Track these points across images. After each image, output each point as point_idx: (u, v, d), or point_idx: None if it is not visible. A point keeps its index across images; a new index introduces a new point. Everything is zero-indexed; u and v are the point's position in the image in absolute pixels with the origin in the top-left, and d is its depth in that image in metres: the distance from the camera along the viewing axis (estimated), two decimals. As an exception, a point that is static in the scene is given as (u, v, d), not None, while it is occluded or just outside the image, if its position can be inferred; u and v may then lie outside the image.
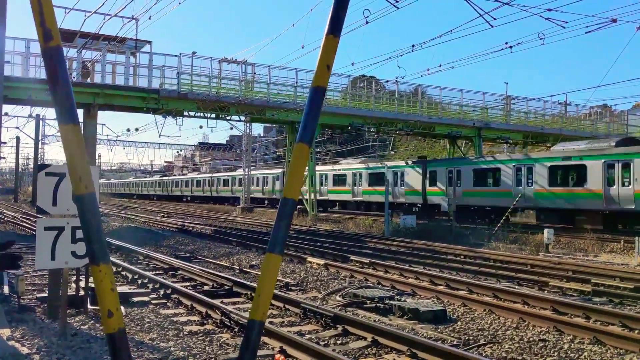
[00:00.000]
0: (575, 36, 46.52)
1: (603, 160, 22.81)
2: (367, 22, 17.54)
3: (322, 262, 14.36)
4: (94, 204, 2.07)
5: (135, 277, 11.52)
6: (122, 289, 10.01)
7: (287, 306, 9.01)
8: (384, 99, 37.38)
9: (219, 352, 6.64)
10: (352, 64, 30.89)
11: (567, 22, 16.39)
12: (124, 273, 12.13)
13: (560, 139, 41.16)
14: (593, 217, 23.70)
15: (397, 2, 15.84)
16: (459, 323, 8.42)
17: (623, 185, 22.08)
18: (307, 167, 28.11)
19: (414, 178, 33.63)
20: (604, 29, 16.77)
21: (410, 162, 35.27)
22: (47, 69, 2.04)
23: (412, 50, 21.05)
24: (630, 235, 19.06)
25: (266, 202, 51.32)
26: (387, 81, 38.20)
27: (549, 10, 16.08)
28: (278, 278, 11.11)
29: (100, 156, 69.27)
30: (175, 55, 30.47)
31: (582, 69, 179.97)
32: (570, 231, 23.03)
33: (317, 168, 40.82)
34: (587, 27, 16.82)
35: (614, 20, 16.30)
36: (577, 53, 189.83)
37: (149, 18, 24.37)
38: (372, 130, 39.06)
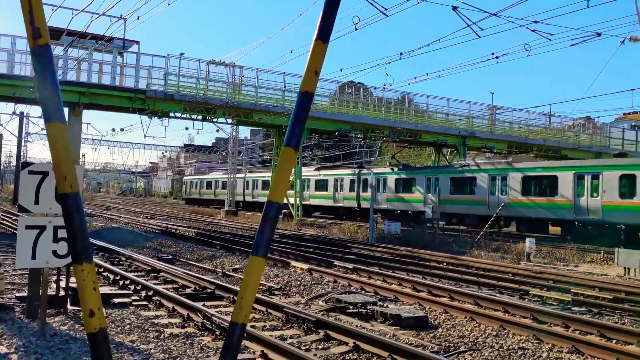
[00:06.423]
0: (561, 48, 47.31)
1: None
2: (356, 29, 17.63)
3: (306, 266, 14.36)
4: (79, 203, 2.07)
5: (117, 278, 11.43)
6: (104, 290, 9.91)
7: (269, 310, 9.00)
8: (372, 106, 37.52)
9: (200, 355, 6.61)
10: (341, 70, 31.17)
11: (552, 35, 16.60)
12: (105, 274, 12.01)
13: (543, 150, 41.63)
14: None
15: (386, 9, 15.93)
16: (440, 329, 8.47)
17: None
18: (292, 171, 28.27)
19: (350, 185, 38.03)
20: (589, 42, 17.01)
21: (350, 171, 39.55)
22: (36, 67, 2.03)
23: (400, 58, 21.19)
24: (611, 246, 19.32)
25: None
26: (374, 88, 38.44)
27: (535, 22, 16.27)
28: (261, 282, 11.07)
29: (84, 155, 68.33)
30: (163, 56, 30.30)
31: (567, 81, 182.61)
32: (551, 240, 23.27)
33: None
34: (572, 39, 17.05)
35: (599, 34, 16.53)
36: (562, 65, 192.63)
37: (138, 18, 24.13)
38: (359, 136, 39.23)
